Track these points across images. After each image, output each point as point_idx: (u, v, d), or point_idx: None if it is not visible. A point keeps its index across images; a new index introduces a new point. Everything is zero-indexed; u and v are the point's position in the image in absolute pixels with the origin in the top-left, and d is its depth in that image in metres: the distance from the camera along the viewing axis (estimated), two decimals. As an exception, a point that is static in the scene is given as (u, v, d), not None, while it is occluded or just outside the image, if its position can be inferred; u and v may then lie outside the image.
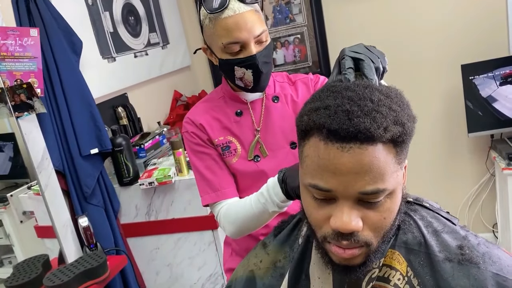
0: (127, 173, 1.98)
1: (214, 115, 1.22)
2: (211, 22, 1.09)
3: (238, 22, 1.05)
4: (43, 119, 1.74)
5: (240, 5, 1.06)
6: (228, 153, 1.20)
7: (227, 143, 1.20)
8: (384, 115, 0.62)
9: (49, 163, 1.73)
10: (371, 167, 0.62)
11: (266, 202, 1.04)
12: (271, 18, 2.87)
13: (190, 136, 1.21)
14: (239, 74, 1.12)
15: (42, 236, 2.05)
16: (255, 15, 1.08)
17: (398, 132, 0.63)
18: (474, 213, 2.81)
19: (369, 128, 0.60)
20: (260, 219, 1.08)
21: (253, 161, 1.21)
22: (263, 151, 1.21)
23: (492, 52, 2.47)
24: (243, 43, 1.08)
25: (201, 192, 1.21)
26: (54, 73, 1.80)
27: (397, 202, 0.68)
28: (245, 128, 1.21)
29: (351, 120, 0.61)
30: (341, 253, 0.67)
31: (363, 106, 0.62)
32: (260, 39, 1.09)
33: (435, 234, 0.74)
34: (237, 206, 1.13)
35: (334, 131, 0.61)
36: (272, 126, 1.21)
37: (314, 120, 0.64)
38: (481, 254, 0.70)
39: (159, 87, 2.70)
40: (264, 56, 1.11)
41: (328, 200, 0.66)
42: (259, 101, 1.23)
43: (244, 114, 1.22)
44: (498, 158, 2.44)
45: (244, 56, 1.09)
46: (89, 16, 2.14)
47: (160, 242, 2.08)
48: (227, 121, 1.21)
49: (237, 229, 1.13)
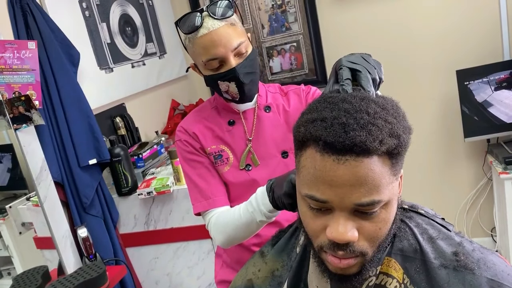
0: (125, 183, 1.99)
1: (207, 124, 1.23)
2: (190, 42, 1.12)
3: (213, 39, 1.08)
4: (41, 130, 1.75)
5: (214, 21, 1.08)
6: (220, 162, 1.21)
7: (220, 151, 1.21)
8: (380, 127, 0.63)
9: (48, 175, 1.74)
10: (367, 179, 0.63)
11: (254, 211, 1.04)
12: (267, 27, 2.89)
13: (183, 144, 1.22)
14: (224, 88, 1.15)
15: (41, 247, 2.06)
16: (230, 29, 1.10)
17: (394, 145, 0.64)
18: (472, 217, 2.82)
19: (364, 141, 0.61)
20: (248, 229, 1.08)
21: (245, 170, 1.22)
22: (254, 161, 1.22)
23: (486, 57, 2.49)
24: (221, 58, 1.10)
25: (193, 201, 1.21)
26: (52, 85, 1.82)
27: (392, 213, 0.69)
28: (237, 138, 1.23)
29: (347, 133, 0.62)
30: (337, 263, 0.68)
31: (359, 118, 0.63)
32: (239, 51, 1.11)
33: (431, 241, 0.75)
34: (227, 215, 1.13)
35: (330, 143, 0.62)
36: (263, 136, 1.22)
37: (311, 132, 0.65)
38: (476, 260, 0.71)
39: (156, 96, 2.72)
40: (245, 67, 1.12)
41: (324, 210, 0.67)
42: (251, 110, 1.24)
43: (236, 123, 1.23)
44: (495, 162, 2.45)
45: (225, 70, 1.11)
46: (86, 27, 2.16)
47: (159, 251, 2.08)
48: (220, 130, 1.23)
49: (226, 239, 1.13)
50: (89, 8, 2.19)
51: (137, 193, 1.97)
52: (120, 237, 2.06)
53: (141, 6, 2.63)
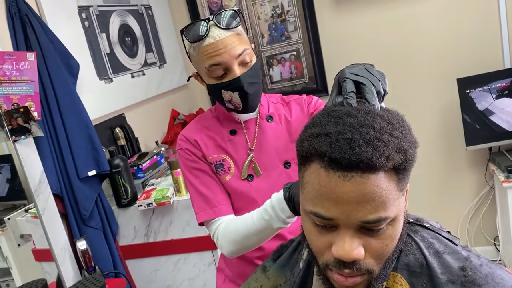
0: (125, 194, 1.97)
1: (208, 133, 1.23)
2: (195, 50, 1.12)
3: (217, 47, 1.08)
4: (40, 142, 1.74)
5: (220, 31, 1.09)
6: (221, 171, 1.20)
7: (221, 161, 1.20)
8: (386, 143, 0.62)
9: (47, 187, 1.73)
10: (373, 196, 0.61)
11: (270, 218, 1.03)
12: (267, 36, 2.89)
13: (185, 153, 1.21)
14: (227, 97, 1.14)
15: (39, 259, 2.03)
16: (235, 38, 1.10)
17: (400, 160, 0.63)
18: (475, 226, 2.80)
19: (371, 158, 0.60)
20: (263, 236, 1.07)
21: (247, 180, 1.20)
22: (256, 171, 1.21)
23: (487, 65, 2.48)
24: (225, 66, 1.10)
25: (197, 209, 1.19)
26: (51, 96, 1.81)
27: (399, 229, 0.68)
28: (238, 147, 1.22)
29: (352, 149, 0.60)
30: (343, 281, 0.66)
31: (364, 134, 0.62)
32: (244, 59, 1.11)
33: (437, 255, 0.73)
34: (237, 223, 1.11)
35: (336, 160, 0.61)
36: (266, 146, 1.22)
37: (315, 147, 0.64)
38: (484, 275, 0.70)
39: (156, 106, 2.71)
40: (249, 77, 1.12)
41: (330, 227, 0.66)
42: (253, 120, 1.23)
43: (238, 133, 1.22)
44: (497, 171, 2.44)
45: (229, 79, 1.11)
46: (85, 38, 2.15)
47: (160, 263, 2.06)
48: (221, 140, 1.22)
49: (236, 247, 1.11)
50: (88, 19, 2.18)
51: (137, 204, 1.95)
52: (119, 249, 2.04)
53: (140, 16, 2.63)
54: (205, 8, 2.95)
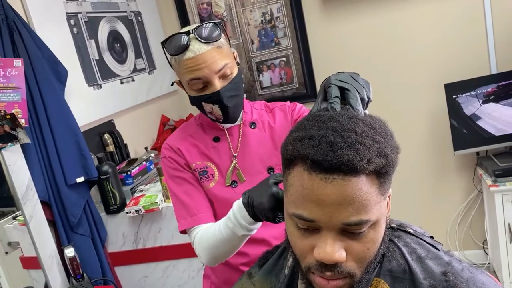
0: (113, 201, 1.97)
1: (192, 141, 1.24)
2: (176, 62, 1.12)
3: (197, 61, 1.08)
4: (27, 149, 1.73)
5: (201, 45, 1.09)
6: (205, 178, 1.21)
7: (205, 167, 1.21)
8: (368, 146, 0.63)
9: (34, 194, 1.71)
10: (354, 198, 0.62)
11: (234, 226, 1.03)
12: (257, 42, 2.90)
13: (168, 161, 1.22)
14: (208, 109, 1.15)
15: (27, 267, 2.02)
16: (215, 52, 1.10)
17: (382, 164, 0.64)
18: (463, 230, 2.82)
19: (352, 160, 0.61)
20: (231, 244, 1.07)
21: (231, 187, 1.21)
22: (240, 177, 1.22)
23: (474, 71, 2.51)
24: (205, 80, 1.10)
25: (178, 217, 1.19)
26: (38, 103, 1.80)
27: (380, 233, 0.68)
28: (222, 154, 1.22)
29: (334, 151, 0.62)
30: (325, 284, 0.67)
31: (346, 137, 0.63)
32: (224, 73, 1.11)
33: (419, 260, 0.74)
34: (208, 232, 1.12)
35: (318, 162, 0.62)
36: (249, 152, 1.22)
37: (299, 150, 0.65)
38: (465, 280, 0.70)
39: (146, 112, 2.70)
40: (229, 90, 1.13)
41: (312, 230, 0.66)
42: (237, 127, 1.24)
43: (222, 140, 1.23)
44: (485, 175, 2.46)
45: (209, 92, 1.12)
46: (74, 44, 2.15)
47: (149, 270, 2.05)
48: (205, 147, 1.23)
49: (210, 256, 1.11)
50: (77, 25, 2.18)
51: (126, 211, 1.94)
52: (108, 256, 2.03)
53: (130, 22, 2.63)
54: (194, 15, 2.96)
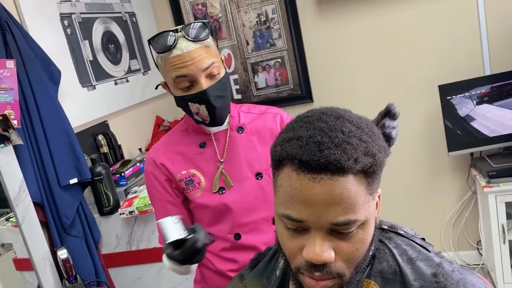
0: (107, 202, 1.96)
1: (177, 149, 1.22)
2: (162, 60, 1.12)
3: (184, 59, 1.08)
4: (20, 150, 1.72)
5: (188, 43, 1.08)
6: (192, 187, 1.20)
7: (190, 176, 1.20)
8: (355, 146, 0.63)
9: (27, 195, 1.71)
10: (342, 198, 0.62)
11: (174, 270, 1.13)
12: (252, 43, 2.90)
13: (148, 176, 1.24)
14: (194, 110, 1.13)
15: (20, 269, 2.00)
16: (203, 51, 1.10)
17: (369, 163, 0.64)
18: (458, 231, 2.82)
19: (339, 160, 0.61)
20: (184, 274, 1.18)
21: (218, 193, 1.20)
22: (227, 182, 1.20)
23: (468, 72, 2.52)
24: (191, 78, 1.09)
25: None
26: (31, 104, 1.79)
27: (369, 233, 0.69)
28: (208, 160, 1.21)
29: (321, 151, 0.62)
30: (314, 285, 0.67)
31: (333, 137, 0.63)
32: (211, 72, 1.11)
33: (410, 262, 0.74)
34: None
35: (305, 162, 0.62)
36: (237, 157, 1.21)
37: (287, 151, 0.65)
38: (456, 281, 0.71)
39: (140, 113, 2.70)
40: (216, 90, 1.12)
41: (301, 230, 0.67)
42: (223, 132, 1.23)
43: (208, 145, 1.22)
44: (479, 176, 2.47)
45: (196, 91, 1.10)
46: (68, 45, 2.14)
47: (143, 271, 2.04)
48: (190, 153, 1.21)
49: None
50: (71, 26, 2.17)
51: (119, 212, 1.94)
52: (102, 257, 2.02)
53: (124, 23, 2.63)
54: (189, 15, 2.96)
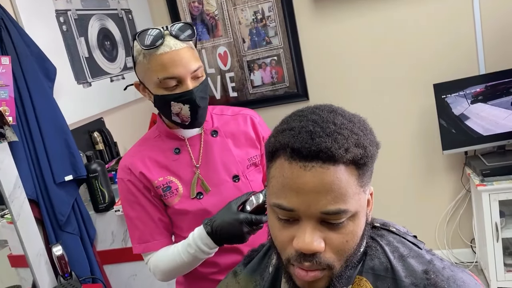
0: (102, 199, 1.96)
1: (151, 156, 1.20)
2: (145, 58, 1.09)
3: (173, 58, 1.07)
4: (15, 147, 1.72)
5: (176, 41, 1.08)
6: (169, 194, 1.18)
7: (168, 183, 1.18)
8: (346, 137, 0.65)
9: (22, 192, 1.70)
10: (333, 187, 0.63)
11: (195, 252, 1.09)
12: (248, 41, 2.90)
13: (125, 184, 1.19)
14: (176, 110, 1.12)
15: (15, 265, 2.00)
16: (189, 52, 1.10)
17: (360, 154, 0.65)
18: (452, 229, 2.84)
19: (330, 148, 0.63)
20: (191, 265, 1.15)
21: (196, 198, 1.19)
22: (205, 187, 1.19)
23: (463, 71, 2.53)
24: (179, 78, 1.08)
25: (132, 241, 1.22)
26: (26, 100, 1.79)
27: (360, 226, 0.69)
28: (184, 166, 1.20)
29: (313, 139, 0.64)
30: (304, 276, 0.68)
31: (325, 127, 0.65)
32: (196, 74, 1.11)
33: (401, 259, 0.75)
34: (166, 256, 1.16)
35: (297, 149, 0.64)
36: (213, 161, 1.20)
37: (280, 141, 0.67)
38: (446, 278, 0.71)
39: (136, 110, 2.70)
40: (200, 91, 1.12)
41: (292, 221, 0.68)
42: (197, 136, 1.22)
43: (182, 151, 1.20)
44: (473, 174, 2.49)
45: (181, 91, 1.09)
46: (63, 41, 2.14)
47: (138, 268, 2.04)
48: (165, 160, 1.19)
49: (168, 276, 1.19)
50: (66, 23, 2.17)
51: (115, 209, 1.94)
52: (97, 254, 2.02)
53: (120, 20, 2.63)
54: (186, 13, 2.96)
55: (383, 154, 3.02)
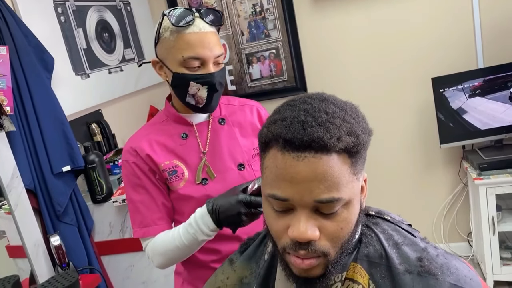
0: (100, 190, 1.96)
1: (158, 139, 1.19)
2: (173, 35, 1.10)
3: (202, 39, 1.09)
4: (13, 137, 1.72)
5: (205, 24, 1.11)
6: (175, 178, 1.18)
7: (174, 167, 1.18)
8: (338, 126, 0.65)
9: (20, 182, 1.71)
10: (326, 176, 0.64)
11: (195, 232, 1.07)
12: (247, 33, 2.89)
13: (130, 167, 1.18)
14: (193, 90, 1.13)
15: (13, 256, 2.01)
16: (216, 37, 1.13)
17: (352, 143, 0.65)
18: (449, 223, 2.85)
19: (322, 137, 0.63)
20: (190, 249, 1.12)
21: (201, 184, 1.19)
22: (210, 174, 1.20)
23: (461, 65, 2.53)
24: (203, 60, 1.10)
25: (133, 224, 1.20)
26: (24, 91, 1.79)
27: (354, 213, 0.70)
28: (191, 151, 1.20)
29: (305, 129, 0.64)
30: (300, 263, 0.68)
31: (317, 117, 0.65)
32: (218, 60, 1.13)
33: (396, 246, 0.76)
34: (165, 238, 1.14)
35: (290, 140, 0.64)
36: (219, 148, 1.21)
37: (272, 132, 0.67)
38: (440, 266, 0.72)
39: (134, 102, 2.70)
40: (220, 76, 1.14)
41: (287, 211, 0.68)
42: (205, 123, 1.23)
43: (190, 136, 1.21)
44: (470, 168, 2.49)
45: (202, 73, 1.11)
46: (61, 33, 2.13)
47: (135, 259, 2.05)
48: (172, 144, 1.19)
49: (166, 260, 1.15)
50: (64, 14, 2.16)
51: (112, 200, 1.94)
52: (95, 245, 2.03)
53: (119, 12, 2.62)
54: (185, 5, 2.95)
55: (381, 148, 3.03)
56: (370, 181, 0.75)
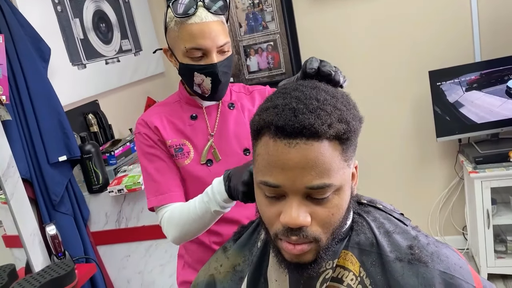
0: (96, 180, 1.97)
1: (169, 117, 1.23)
2: (177, 25, 1.11)
3: (203, 29, 1.09)
4: (9, 126, 1.72)
5: (208, 14, 1.10)
6: (181, 155, 1.20)
7: (181, 145, 1.21)
8: (329, 112, 0.66)
9: (15, 171, 1.71)
10: (317, 162, 0.64)
11: (209, 200, 1.03)
12: (244, 25, 2.89)
13: (142, 137, 1.21)
14: (198, 81, 1.15)
15: (10, 245, 2.01)
16: (220, 26, 1.12)
17: (343, 130, 0.66)
18: (444, 216, 2.87)
19: (313, 124, 0.63)
20: (203, 220, 1.07)
21: (206, 165, 1.21)
22: (216, 156, 1.22)
23: (458, 59, 2.53)
24: (205, 51, 1.11)
25: (148, 194, 1.19)
26: (20, 80, 1.78)
27: (345, 199, 0.71)
28: (199, 132, 1.22)
29: (296, 116, 0.64)
30: (291, 249, 0.69)
31: (308, 104, 0.66)
32: (223, 49, 1.13)
33: (387, 234, 0.76)
34: (182, 208, 1.11)
35: (281, 127, 0.64)
36: (226, 132, 1.23)
37: (264, 119, 0.68)
38: (430, 254, 0.73)
39: (131, 93, 2.69)
40: (224, 66, 1.14)
41: (279, 197, 0.69)
42: (215, 106, 1.25)
43: (199, 118, 1.23)
44: (466, 162, 2.50)
45: (205, 63, 1.12)
46: (58, 23, 2.12)
47: (131, 249, 2.06)
48: (182, 124, 1.22)
49: (180, 233, 1.11)
50: (61, 3, 2.15)
51: (108, 190, 1.95)
52: (91, 235, 2.03)
53: (116, 2, 2.61)
54: (182, -4, 2.93)
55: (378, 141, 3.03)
56: (367, 173, 0.76)
